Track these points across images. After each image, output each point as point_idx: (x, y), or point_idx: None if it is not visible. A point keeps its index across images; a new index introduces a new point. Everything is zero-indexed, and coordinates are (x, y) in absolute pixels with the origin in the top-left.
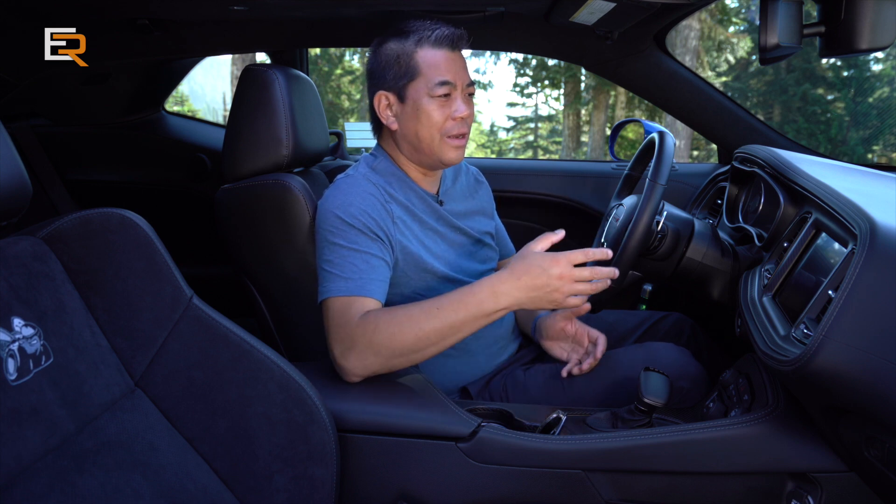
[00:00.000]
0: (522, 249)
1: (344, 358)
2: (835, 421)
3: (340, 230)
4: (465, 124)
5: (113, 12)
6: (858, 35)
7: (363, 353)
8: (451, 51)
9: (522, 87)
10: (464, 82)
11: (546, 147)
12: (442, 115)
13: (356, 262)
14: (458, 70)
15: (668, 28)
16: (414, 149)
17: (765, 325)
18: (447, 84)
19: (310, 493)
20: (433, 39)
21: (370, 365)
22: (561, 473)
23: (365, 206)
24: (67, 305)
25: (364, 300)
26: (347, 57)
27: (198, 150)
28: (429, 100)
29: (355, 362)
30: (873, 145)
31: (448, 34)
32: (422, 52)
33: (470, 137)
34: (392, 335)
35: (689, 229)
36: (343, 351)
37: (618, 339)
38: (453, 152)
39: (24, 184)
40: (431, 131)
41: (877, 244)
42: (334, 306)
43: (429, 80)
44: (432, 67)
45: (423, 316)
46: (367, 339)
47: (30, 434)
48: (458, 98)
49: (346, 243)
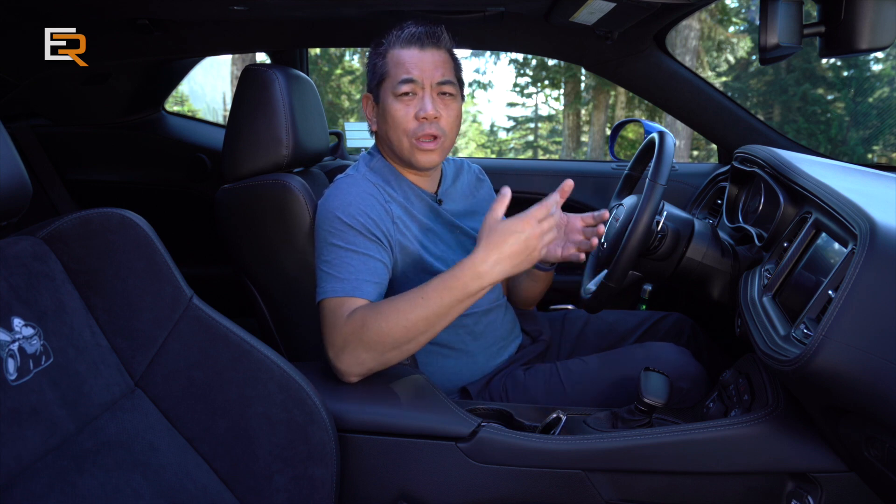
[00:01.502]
0: (486, 220)
1: (338, 359)
2: (835, 421)
3: (339, 231)
4: (435, 126)
5: (113, 12)
6: (858, 35)
7: (355, 351)
8: (419, 49)
9: (522, 87)
10: (432, 80)
11: (546, 147)
12: (405, 114)
13: (353, 262)
14: (424, 67)
15: (668, 28)
16: (391, 150)
17: (765, 325)
18: (410, 82)
19: (310, 493)
20: (402, 39)
21: (365, 362)
22: (561, 473)
23: (364, 206)
24: (67, 305)
25: (356, 301)
26: (347, 57)
27: (198, 150)
28: (393, 99)
29: (349, 361)
30: (873, 145)
31: (416, 32)
32: (391, 53)
33: (470, 137)
34: (380, 329)
35: (689, 229)
36: (336, 352)
37: (618, 339)
38: (423, 156)
39: (24, 184)
40: (398, 133)
41: (877, 244)
42: (328, 307)
43: (394, 79)
44: (397, 66)
45: (408, 306)
46: (356, 336)
47: (30, 434)
48: (426, 97)
49: (344, 244)
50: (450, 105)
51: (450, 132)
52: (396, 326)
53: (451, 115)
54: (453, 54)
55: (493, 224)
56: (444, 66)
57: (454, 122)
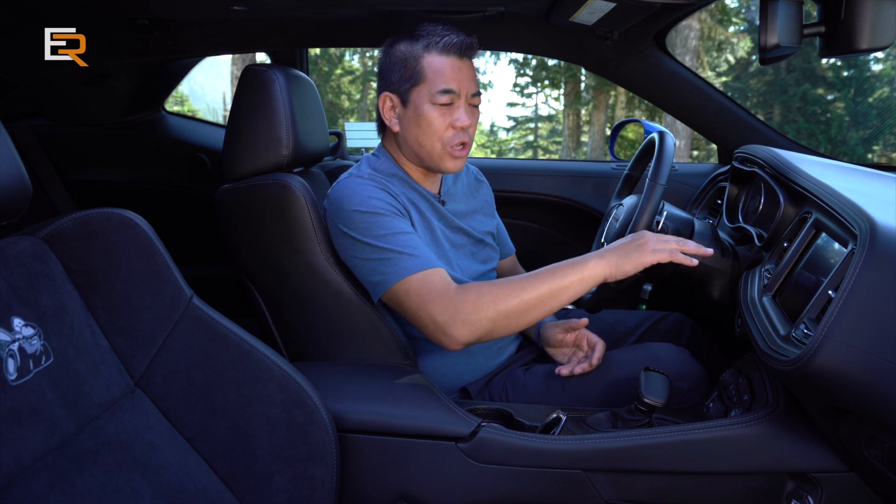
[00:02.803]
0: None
1: (452, 326)
2: (835, 421)
3: (374, 222)
4: (467, 134)
5: (113, 12)
6: (858, 35)
7: (471, 318)
8: (458, 59)
9: (522, 87)
10: (468, 92)
11: (546, 147)
12: (443, 123)
13: (409, 241)
14: (463, 79)
15: (668, 28)
16: (415, 153)
17: (765, 325)
18: (450, 93)
19: (310, 493)
20: (441, 46)
21: (479, 329)
22: (561, 473)
23: (381, 195)
24: (67, 305)
25: (439, 271)
26: (347, 57)
27: (198, 150)
28: (430, 106)
29: (466, 330)
30: (873, 145)
31: (457, 42)
32: (428, 58)
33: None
34: (497, 300)
35: (689, 229)
36: (451, 319)
37: (618, 339)
38: (452, 162)
39: (24, 184)
40: (432, 139)
41: (877, 244)
42: (414, 283)
43: (432, 86)
44: (437, 74)
45: (521, 285)
46: (473, 305)
47: (30, 434)
48: (461, 107)
49: (386, 231)
50: (475, 114)
51: (473, 139)
52: (513, 300)
53: (476, 124)
54: None
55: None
56: (475, 77)
57: (476, 129)
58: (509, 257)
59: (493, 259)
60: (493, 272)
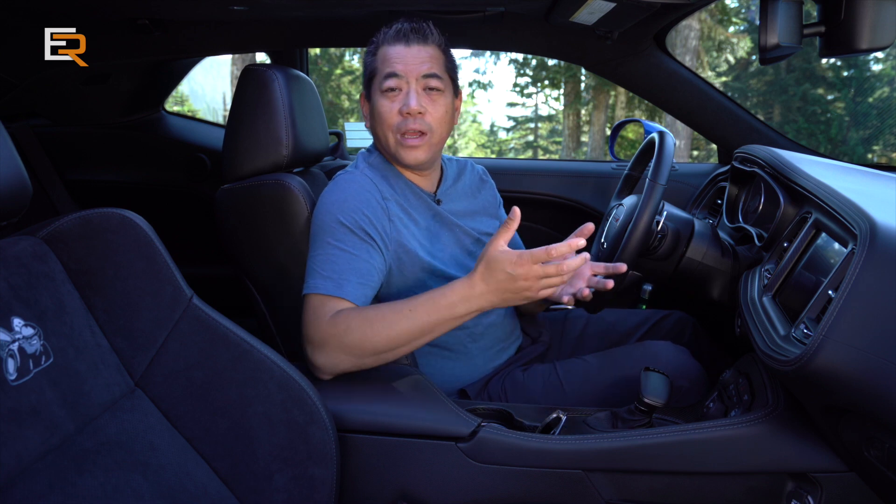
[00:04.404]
0: (487, 247)
1: (314, 356)
2: (835, 421)
3: (331, 228)
4: (420, 122)
5: (113, 12)
6: (858, 35)
7: (333, 351)
8: (405, 45)
9: (522, 87)
10: (417, 74)
11: (546, 147)
12: (390, 109)
13: (338, 261)
14: (409, 62)
15: (668, 28)
16: (382, 148)
17: (765, 325)
18: (394, 76)
19: (310, 493)
20: (390, 36)
21: (340, 363)
22: (561, 473)
23: (361, 204)
24: (67, 305)
25: (338, 301)
26: (347, 57)
27: (198, 150)
28: (380, 95)
29: (325, 360)
30: (873, 145)
31: (401, 28)
32: (380, 51)
33: (470, 137)
34: (364, 335)
35: (689, 229)
36: (313, 349)
37: (618, 340)
38: (408, 152)
39: (24, 184)
40: (384, 129)
41: (877, 244)
42: (311, 303)
43: (380, 75)
44: (384, 62)
45: (395, 317)
46: (338, 339)
47: (30, 434)
48: (411, 92)
49: (334, 241)
50: (437, 100)
51: (437, 128)
52: (380, 335)
53: (439, 111)
54: (445, 50)
55: (493, 253)
56: (432, 60)
57: (442, 118)
58: None
59: None
60: None
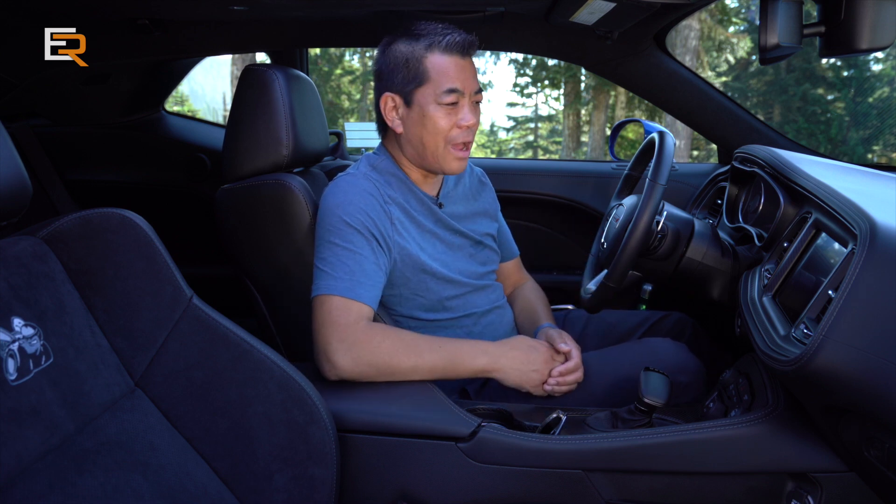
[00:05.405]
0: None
1: (337, 355)
2: (835, 421)
3: (338, 228)
4: (471, 133)
5: (113, 12)
6: (858, 35)
7: (361, 358)
8: (461, 58)
9: (522, 87)
10: (472, 90)
11: (546, 147)
12: (448, 122)
13: (348, 262)
14: (466, 78)
15: (668, 28)
16: (418, 153)
17: (765, 325)
18: (455, 92)
19: (310, 493)
20: (444, 45)
21: (363, 372)
22: (561, 473)
23: (363, 205)
24: (67, 305)
25: (359, 305)
26: (347, 57)
27: (198, 150)
28: (436, 107)
29: (349, 364)
30: (873, 145)
31: (459, 40)
32: (432, 58)
33: None
34: (393, 356)
35: (689, 229)
36: (338, 349)
37: (618, 339)
38: (456, 163)
39: (24, 184)
40: (436, 138)
41: (877, 244)
42: (331, 303)
43: (437, 86)
44: (441, 74)
45: (426, 347)
46: (370, 348)
47: (30, 434)
48: (466, 106)
49: (342, 242)
50: (478, 112)
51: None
52: (408, 360)
53: (478, 122)
54: None
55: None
56: (477, 75)
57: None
58: (513, 260)
59: (492, 261)
60: (492, 273)
